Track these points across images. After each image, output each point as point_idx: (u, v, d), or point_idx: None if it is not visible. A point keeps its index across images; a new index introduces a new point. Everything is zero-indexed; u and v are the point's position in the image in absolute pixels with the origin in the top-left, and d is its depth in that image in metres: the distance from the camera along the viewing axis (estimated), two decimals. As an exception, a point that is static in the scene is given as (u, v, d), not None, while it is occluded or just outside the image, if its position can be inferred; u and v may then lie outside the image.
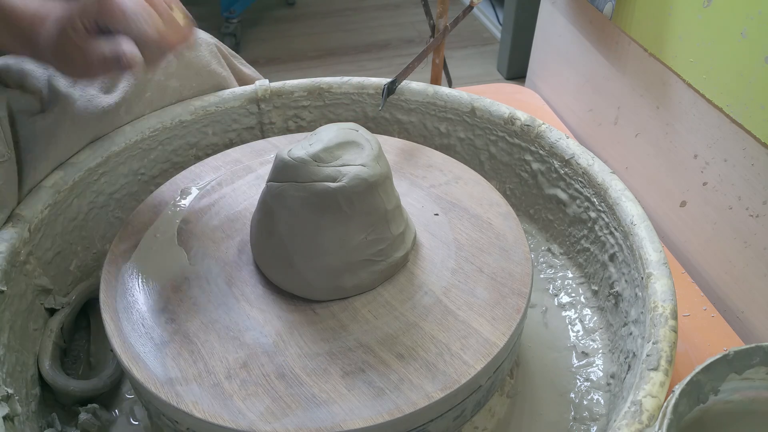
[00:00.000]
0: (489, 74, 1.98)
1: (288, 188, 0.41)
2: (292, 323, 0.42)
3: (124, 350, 0.40)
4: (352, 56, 2.07)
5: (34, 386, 0.46)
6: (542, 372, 0.50)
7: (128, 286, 0.45)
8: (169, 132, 0.60)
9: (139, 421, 0.47)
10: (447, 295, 0.43)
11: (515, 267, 0.46)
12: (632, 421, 0.35)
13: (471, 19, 2.25)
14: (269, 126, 0.65)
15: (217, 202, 0.52)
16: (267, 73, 0.73)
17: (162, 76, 0.59)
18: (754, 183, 0.54)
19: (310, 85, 0.64)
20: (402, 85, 0.63)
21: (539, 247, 0.60)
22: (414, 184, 0.54)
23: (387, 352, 0.40)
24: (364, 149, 0.43)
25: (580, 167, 0.53)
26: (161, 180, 0.60)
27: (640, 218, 0.47)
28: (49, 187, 0.51)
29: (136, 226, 0.50)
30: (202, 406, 0.37)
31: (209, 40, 0.63)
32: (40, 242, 0.50)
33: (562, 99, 0.87)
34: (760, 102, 0.51)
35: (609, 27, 0.72)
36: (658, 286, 0.42)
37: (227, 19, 2.00)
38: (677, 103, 0.62)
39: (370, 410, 0.36)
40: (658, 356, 0.38)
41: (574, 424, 0.46)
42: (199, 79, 0.62)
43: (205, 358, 0.40)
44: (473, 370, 0.38)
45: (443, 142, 0.64)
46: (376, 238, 0.43)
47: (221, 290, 0.44)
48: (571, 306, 0.55)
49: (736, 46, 0.53)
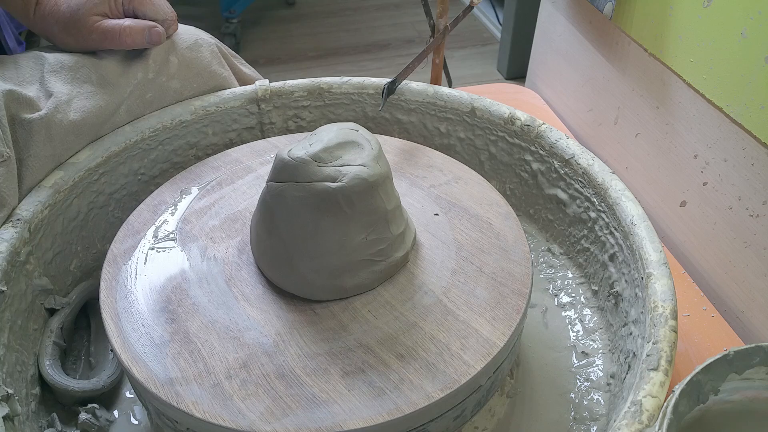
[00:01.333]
0: (489, 74, 1.98)
1: (288, 188, 0.41)
2: (292, 323, 0.42)
3: (124, 350, 0.40)
4: (352, 56, 2.07)
5: (34, 386, 0.46)
6: (542, 372, 0.50)
7: (128, 286, 0.45)
8: (169, 132, 0.60)
9: (139, 421, 0.47)
10: (447, 295, 0.44)
11: (515, 267, 0.46)
12: (632, 421, 0.35)
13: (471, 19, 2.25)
14: (269, 126, 0.65)
15: (217, 202, 0.52)
16: (267, 73, 0.74)
17: (163, 77, 0.59)
18: (754, 183, 0.54)
19: (310, 85, 0.64)
20: (402, 85, 0.63)
21: (539, 247, 0.60)
22: (414, 184, 0.54)
23: (387, 352, 0.40)
24: (364, 149, 0.43)
25: (580, 167, 0.53)
26: (161, 180, 0.60)
27: (640, 218, 0.47)
28: (49, 187, 0.51)
29: (136, 226, 0.50)
30: (202, 406, 0.37)
31: (210, 40, 0.63)
32: (40, 242, 0.50)
33: (562, 99, 0.87)
34: (760, 102, 0.51)
35: (609, 27, 0.72)
36: (658, 286, 0.42)
37: (227, 19, 2.00)
38: (677, 103, 0.62)
39: (370, 410, 0.36)
40: (658, 356, 0.38)
41: (574, 424, 0.46)
42: (200, 80, 0.62)
43: (205, 358, 0.40)
44: (473, 370, 0.38)
45: (443, 142, 0.64)
46: (376, 238, 0.43)
47: (221, 290, 0.44)
48: (571, 306, 0.55)
49: (736, 46, 0.53)
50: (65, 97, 0.53)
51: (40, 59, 0.55)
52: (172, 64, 0.59)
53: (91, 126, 0.54)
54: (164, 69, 0.59)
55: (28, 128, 0.50)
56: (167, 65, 0.59)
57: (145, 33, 0.56)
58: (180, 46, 0.60)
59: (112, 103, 0.55)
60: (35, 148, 0.50)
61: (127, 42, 0.56)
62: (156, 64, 0.58)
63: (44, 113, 0.51)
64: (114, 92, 0.56)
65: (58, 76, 0.54)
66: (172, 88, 0.60)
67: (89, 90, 0.54)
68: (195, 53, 0.61)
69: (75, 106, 0.53)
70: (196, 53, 0.61)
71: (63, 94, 0.53)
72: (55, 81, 0.53)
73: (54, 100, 0.52)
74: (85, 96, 0.54)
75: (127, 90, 0.56)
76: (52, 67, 0.54)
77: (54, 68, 0.54)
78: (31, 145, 0.50)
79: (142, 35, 0.56)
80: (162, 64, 0.58)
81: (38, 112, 0.51)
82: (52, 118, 0.51)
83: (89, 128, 0.54)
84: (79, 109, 0.53)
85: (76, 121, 0.53)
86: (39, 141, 0.51)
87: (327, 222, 0.41)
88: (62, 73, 0.54)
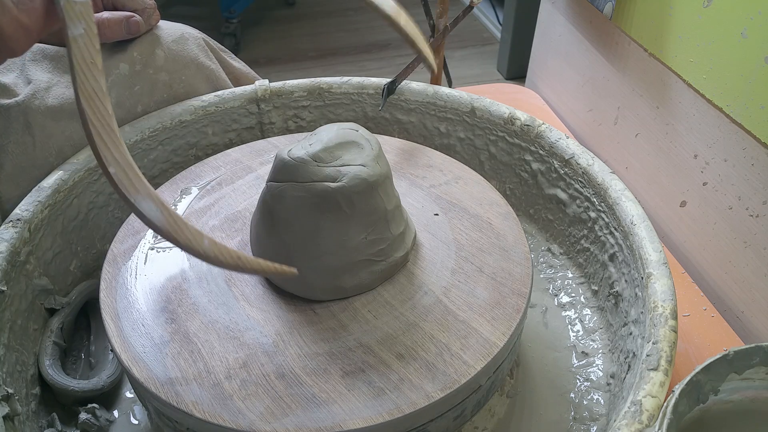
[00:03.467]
0: (489, 74, 1.98)
1: (288, 188, 0.41)
2: (292, 323, 0.42)
3: (124, 350, 0.40)
4: (353, 56, 2.07)
5: (34, 386, 0.46)
6: (542, 372, 0.50)
7: (128, 286, 0.45)
8: (168, 132, 0.60)
9: (139, 421, 0.47)
10: (447, 295, 0.44)
11: (515, 267, 0.46)
12: (632, 421, 0.35)
13: (471, 19, 2.25)
14: (269, 126, 0.65)
15: (217, 202, 0.52)
16: (267, 73, 0.74)
17: (150, 69, 0.59)
18: (754, 183, 0.54)
19: (310, 85, 0.64)
20: (402, 85, 0.63)
21: (539, 247, 0.60)
22: (414, 184, 0.54)
23: (387, 352, 0.40)
24: (364, 149, 0.43)
25: (580, 167, 0.53)
26: (161, 180, 0.60)
27: (640, 218, 0.47)
28: (49, 187, 0.51)
29: (136, 226, 0.50)
30: (202, 406, 0.37)
31: (196, 34, 0.64)
32: (40, 242, 0.50)
33: (562, 99, 0.87)
34: (760, 102, 0.51)
35: (609, 27, 0.72)
36: (658, 286, 0.42)
37: (227, 19, 2.00)
38: (677, 103, 0.62)
39: (370, 410, 0.36)
40: (658, 356, 0.38)
41: (574, 424, 0.46)
42: (188, 72, 0.62)
43: (205, 358, 0.40)
44: (473, 370, 0.38)
45: (443, 142, 0.64)
46: (376, 238, 0.43)
47: (221, 290, 0.44)
48: (571, 306, 0.55)
49: (736, 46, 0.53)
50: (44, 84, 0.53)
51: None
52: (158, 57, 0.59)
53: (71, 114, 0.54)
54: (151, 62, 0.59)
55: (6, 114, 0.50)
56: (153, 58, 0.59)
57: (123, 24, 0.56)
58: (165, 39, 0.60)
59: None
60: (15, 134, 0.51)
61: (106, 34, 0.56)
62: (142, 56, 0.58)
63: (21, 99, 0.51)
64: None
65: (38, 65, 0.54)
66: (161, 80, 0.60)
67: (69, 79, 0.54)
68: (181, 46, 0.61)
69: (54, 93, 0.53)
70: (182, 46, 0.61)
71: (42, 81, 0.53)
72: (36, 69, 0.54)
73: (32, 87, 0.52)
74: (65, 85, 0.54)
75: (108, 79, 0.56)
76: (33, 56, 0.55)
77: (35, 57, 0.55)
78: (11, 131, 0.51)
79: (120, 26, 0.56)
80: (148, 56, 0.58)
81: (15, 98, 0.51)
82: (29, 104, 0.51)
83: (69, 116, 0.54)
84: (57, 96, 0.53)
85: (54, 107, 0.53)
86: (18, 127, 0.51)
87: (327, 222, 0.41)
88: (43, 62, 0.55)
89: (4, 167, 0.50)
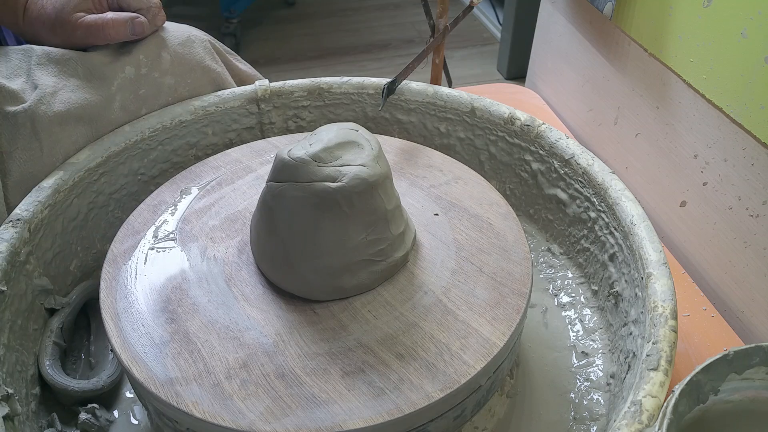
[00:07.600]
0: (489, 74, 1.98)
1: (288, 188, 0.41)
2: (292, 323, 0.42)
3: (124, 350, 0.40)
4: (352, 56, 2.07)
5: (34, 386, 0.46)
6: (542, 372, 0.50)
7: (128, 286, 0.45)
8: (168, 132, 0.60)
9: (139, 421, 0.47)
10: (447, 295, 0.44)
11: (515, 267, 0.46)
12: (632, 421, 0.35)
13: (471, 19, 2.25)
14: (269, 126, 0.65)
15: (217, 202, 0.52)
16: (267, 73, 0.74)
17: (156, 72, 0.59)
18: (754, 183, 0.54)
19: (310, 85, 0.64)
20: (402, 85, 0.63)
21: (539, 247, 0.60)
22: (414, 184, 0.54)
23: (387, 352, 0.40)
24: (364, 149, 0.43)
25: (580, 167, 0.53)
26: (161, 180, 0.60)
27: (639, 218, 0.47)
28: (49, 187, 0.51)
29: (136, 226, 0.50)
30: (202, 406, 0.37)
31: (202, 36, 0.63)
32: (40, 242, 0.50)
33: (562, 99, 0.87)
34: (760, 102, 0.51)
35: (609, 27, 0.72)
36: (658, 286, 0.42)
37: (227, 19, 2.00)
38: (677, 103, 0.62)
39: (370, 410, 0.36)
40: (658, 356, 0.38)
41: (574, 424, 0.46)
42: (194, 76, 0.61)
43: (205, 358, 0.40)
44: (473, 370, 0.38)
45: (443, 142, 0.64)
46: (376, 238, 0.43)
47: (221, 290, 0.44)
48: (571, 306, 0.55)
49: (736, 46, 0.53)
50: (50, 89, 0.53)
51: (29, 52, 0.55)
52: (164, 60, 0.59)
53: (77, 118, 0.54)
54: (156, 65, 0.58)
55: (13, 121, 0.50)
56: (159, 61, 0.59)
57: (128, 24, 0.56)
58: (172, 42, 0.60)
59: (100, 96, 0.55)
60: (22, 141, 0.50)
61: (111, 35, 0.56)
62: (147, 59, 0.58)
63: (28, 105, 0.51)
64: (101, 86, 0.55)
65: (44, 69, 0.54)
66: (166, 84, 0.60)
67: (75, 83, 0.54)
68: (187, 49, 0.61)
69: (60, 98, 0.53)
70: (188, 49, 0.61)
71: (48, 86, 0.53)
72: (42, 74, 0.53)
73: (38, 93, 0.52)
74: (70, 89, 0.54)
75: (114, 83, 0.56)
76: (39, 60, 0.54)
77: (41, 61, 0.54)
78: (18, 138, 0.50)
79: (125, 27, 0.56)
80: (154, 59, 0.58)
81: (22, 105, 0.51)
82: (36, 110, 0.51)
83: (75, 120, 0.54)
84: (64, 101, 0.53)
85: (61, 112, 0.52)
86: (25, 134, 0.51)
87: (327, 222, 0.41)
88: (49, 66, 0.54)
89: (12, 174, 0.50)
